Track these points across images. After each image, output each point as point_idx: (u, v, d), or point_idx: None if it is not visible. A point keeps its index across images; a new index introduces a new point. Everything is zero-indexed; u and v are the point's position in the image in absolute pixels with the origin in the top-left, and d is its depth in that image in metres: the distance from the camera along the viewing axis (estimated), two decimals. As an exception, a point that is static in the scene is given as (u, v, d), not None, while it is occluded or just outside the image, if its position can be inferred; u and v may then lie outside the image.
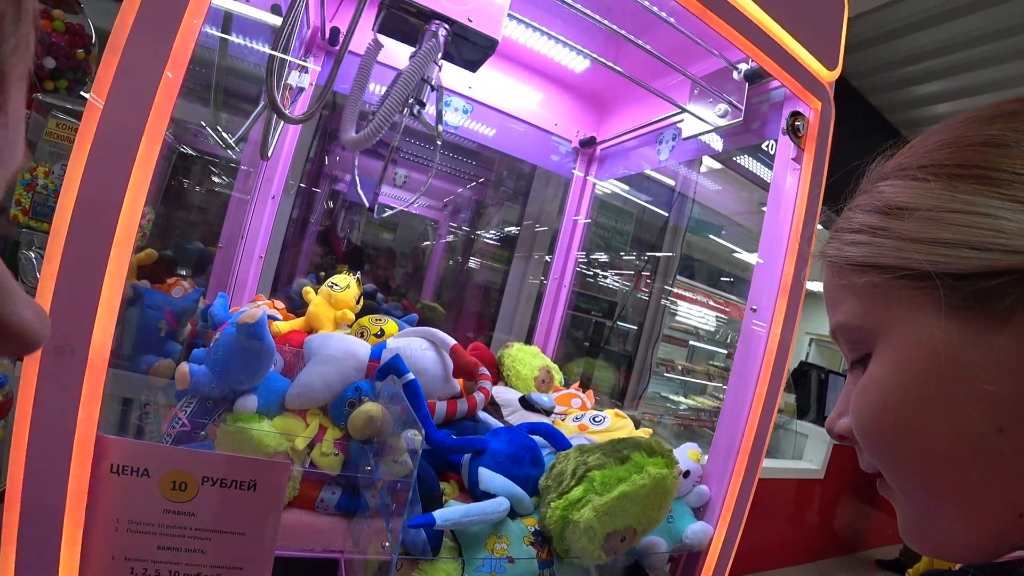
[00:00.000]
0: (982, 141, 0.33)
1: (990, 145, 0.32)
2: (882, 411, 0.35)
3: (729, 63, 1.19)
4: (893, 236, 0.34)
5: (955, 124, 0.35)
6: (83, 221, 0.51)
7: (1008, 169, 0.31)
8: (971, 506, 0.32)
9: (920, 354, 0.33)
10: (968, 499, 0.32)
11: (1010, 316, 0.30)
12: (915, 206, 0.34)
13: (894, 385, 0.34)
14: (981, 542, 0.32)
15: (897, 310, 0.34)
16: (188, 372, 0.84)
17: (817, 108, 1.12)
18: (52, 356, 0.51)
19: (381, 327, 1.20)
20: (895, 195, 0.35)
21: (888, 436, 0.35)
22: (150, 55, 0.53)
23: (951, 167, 0.33)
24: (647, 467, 0.85)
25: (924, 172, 0.34)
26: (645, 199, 3.20)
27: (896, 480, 0.36)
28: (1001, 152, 0.31)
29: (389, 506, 0.77)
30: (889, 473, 0.36)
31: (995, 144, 0.32)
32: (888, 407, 0.35)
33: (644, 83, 1.31)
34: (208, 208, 2.02)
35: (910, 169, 0.35)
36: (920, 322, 0.33)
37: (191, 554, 0.63)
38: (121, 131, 0.52)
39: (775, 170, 1.15)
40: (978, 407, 0.31)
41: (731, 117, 1.25)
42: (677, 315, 3.62)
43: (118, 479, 0.58)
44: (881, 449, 0.36)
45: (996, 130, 0.33)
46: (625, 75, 1.29)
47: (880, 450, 0.36)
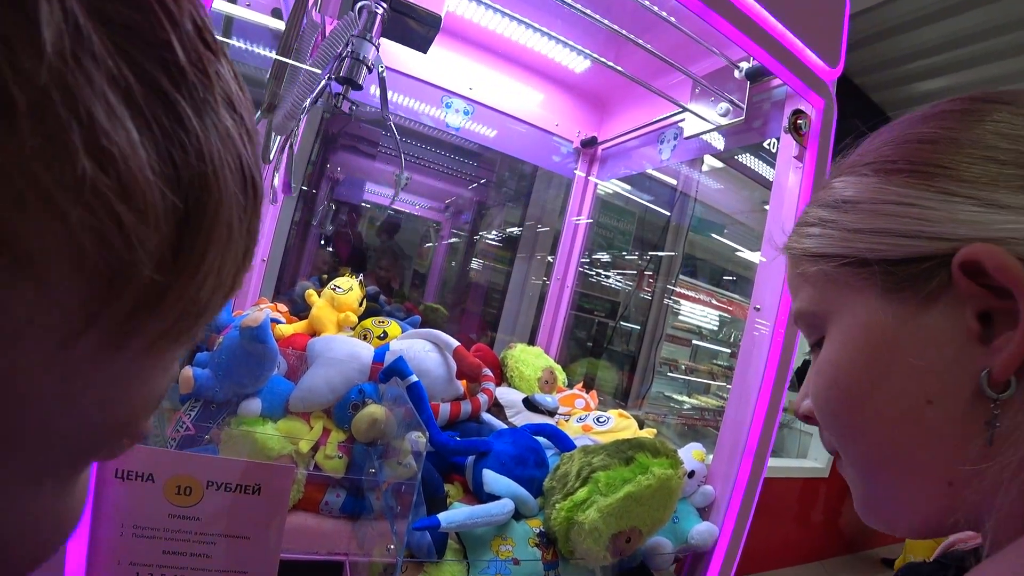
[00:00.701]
0: (916, 138, 0.36)
1: (923, 141, 0.35)
2: (832, 387, 0.38)
3: (730, 61, 1.19)
4: (839, 228, 0.37)
5: (899, 123, 0.38)
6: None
7: (935, 163, 0.34)
8: (909, 477, 0.35)
9: (862, 334, 0.36)
10: (906, 470, 0.35)
11: (937, 297, 0.33)
12: (857, 199, 0.37)
13: (841, 363, 0.37)
14: (921, 514, 0.35)
15: (844, 295, 0.37)
16: (192, 376, 0.84)
17: (819, 106, 1.12)
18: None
19: (384, 329, 1.20)
20: (843, 190, 0.38)
21: (836, 411, 0.38)
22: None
23: (888, 163, 0.36)
24: (652, 468, 0.84)
25: (867, 168, 0.38)
26: (647, 199, 3.20)
27: (846, 454, 0.39)
28: (931, 148, 0.34)
29: (393, 508, 0.77)
30: (840, 447, 0.39)
31: (927, 140, 0.35)
32: (836, 383, 0.38)
33: (645, 82, 1.31)
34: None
35: (857, 166, 0.39)
36: (863, 305, 0.36)
37: (196, 558, 0.63)
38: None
39: (777, 168, 1.15)
40: (910, 381, 0.34)
41: (733, 116, 1.25)
42: (680, 315, 3.62)
43: (123, 484, 0.58)
44: (832, 424, 0.39)
45: (929, 128, 0.36)
46: (626, 75, 1.29)
47: (831, 425, 0.39)
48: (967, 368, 0.31)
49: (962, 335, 0.32)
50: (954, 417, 0.32)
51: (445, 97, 1.65)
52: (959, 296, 0.31)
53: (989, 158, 0.32)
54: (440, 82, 1.59)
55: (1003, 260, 0.29)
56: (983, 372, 0.31)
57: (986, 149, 0.32)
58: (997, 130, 0.33)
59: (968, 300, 0.31)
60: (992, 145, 0.32)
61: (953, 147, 0.34)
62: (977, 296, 0.31)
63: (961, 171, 0.33)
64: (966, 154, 0.33)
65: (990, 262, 0.29)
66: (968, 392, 0.31)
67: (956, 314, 0.32)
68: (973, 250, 0.30)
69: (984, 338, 0.31)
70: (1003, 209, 0.30)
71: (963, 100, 0.36)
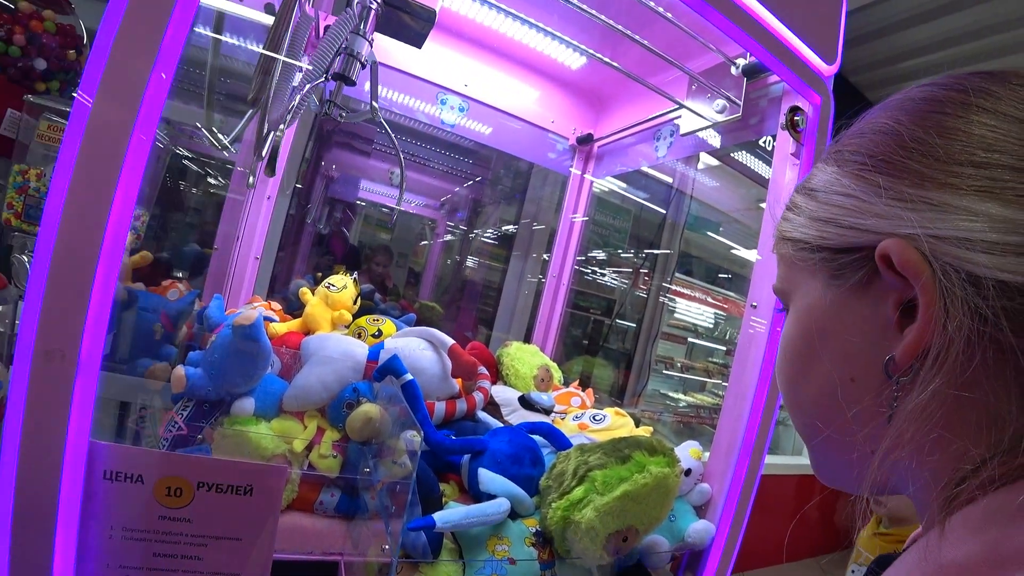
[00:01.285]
0: (871, 128, 0.37)
1: (875, 132, 0.36)
2: (783, 362, 0.42)
3: (727, 58, 1.18)
4: (803, 214, 0.40)
5: (875, 108, 0.39)
6: (72, 222, 0.50)
7: (876, 155, 0.35)
8: (839, 444, 0.38)
9: (808, 315, 0.39)
10: (836, 439, 0.38)
11: (867, 286, 0.35)
12: (817, 188, 0.39)
13: (792, 340, 0.41)
14: (857, 478, 0.37)
15: (801, 277, 0.40)
16: (184, 375, 0.83)
17: (816, 103, 1.11)
18: (42, 361, 0.49)
19: (379, 327, 1.20)
20: (812, 178, 0.41)
21: (784, 385, 0.42)
22: (138, 54, 0.52)
23: (846, 152, 0.38)
24: (649, 466, 0.84)
25: (832, 157, 0.39)
26: (643, 196, 3.19)
27: (795, 423, 0.42)
28: (876, 140, 0.36)
29: (388, 508, 0.77)
30: (792, 417, 0.43)
31: (878, 131, 0.36)
32: (787, 359, 0.42)
33: (641, 79, 1.30)
34: (203, 209, 2.00)
35: (830, 153, 0.40)
36: (812, 288, 0.39)
37: (187, 561, 0.62)
38: (110, 130, 0.51)
39: (774, 165, 1.14)
40: (839, 361, 0.37)
41: (729, 113, 1.25)
42: (676, 312, 3.62)
43: (112, 485, 0.57)
44: (783, 394, 0.43)
45: (884, 118, 0.36)
46: (622, 71, 1.28)
47: (783, 394, 0.43)
48: (882, 352, 0.34)
49: (883, 322, 0.34)
50: (869, 395, 0.35)
51: (440, 94, 1.64)
52: (884, 286, 0.33)
53: (923, 153, 0.33)
54: (435, 79, 1.58)
55: (905, 254, 0.31)
56: (887, 357, 0.33)
57: (922, 144, 0.33)
58: (940, 123, 0.33)
59: (890, 290, 0.33)
60: (927, 141, 0.33)
61: (894, 140, 0.34)
62: (897, 287, 0.33)
63: (895, 165, 0.34)
64: (903, 147, 0.34)
65: (896, 256, 0.31)
66: (882, 374, 0.34)
67: (880, 303, 0.34)
68: (887, 244, 0.32)
69: (902, 326, 0.33)
70: (923, 205, 0.31)
71: (927, 87, 0.36)
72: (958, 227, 0.30)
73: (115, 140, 0.51)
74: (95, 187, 0.50)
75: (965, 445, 0.31)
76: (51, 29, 1.23)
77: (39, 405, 0.50)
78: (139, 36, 0.52)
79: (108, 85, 0.51)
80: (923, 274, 0.31)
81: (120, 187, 0.51)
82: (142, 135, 0.51)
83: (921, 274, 0.31)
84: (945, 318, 0.30)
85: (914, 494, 0.36)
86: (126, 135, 0.51)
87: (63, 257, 0.49)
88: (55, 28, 1.24)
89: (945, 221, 0.30)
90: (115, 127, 0.51)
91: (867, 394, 0.35)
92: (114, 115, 0.51)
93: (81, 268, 0.50)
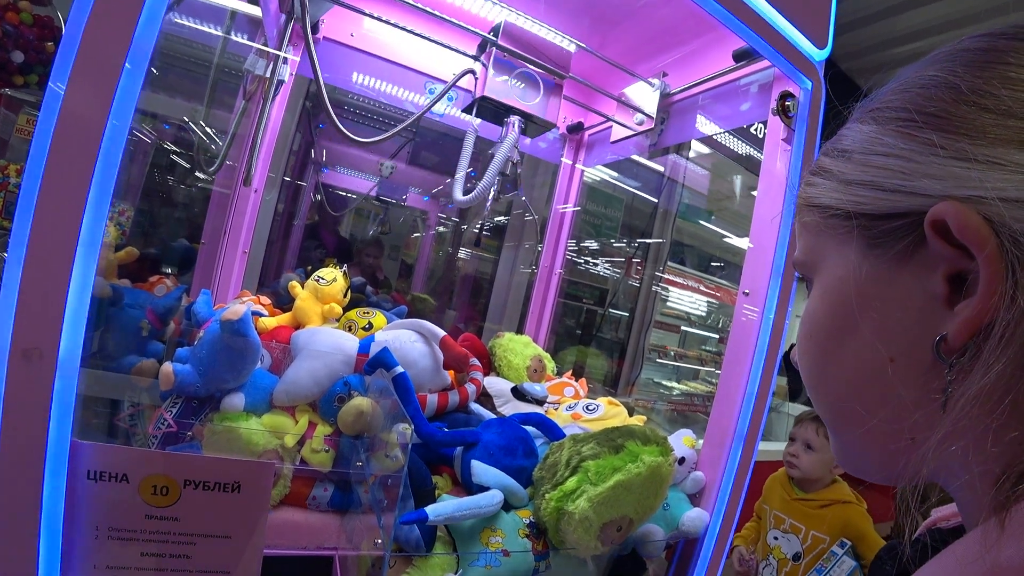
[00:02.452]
0: (919, 83, 0.33)
1: (924, 87, 0.32)
2: (807, 338, 0.38)
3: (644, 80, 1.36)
4: (833, 178, 0.36)
5: (921, 62, 0.35)
6: (46, 214, 0.48)
7: (927, 111, 0.31)
8: (873, 430, 0.34)
9: (839, 287, 0.36)
10: (870, 423, 0.34)
11: (911, 255, 0.31)
12: (852, 149, 0.35)
13: (818, 315, 0.37)
14: (888, 466, 0.34)
15: (829, 247, 0.36)
16: (172, 372, 0.82)
17: (807, 87, 1.11)
18: (20, 360, 0.48)
19: (369, 320, 1.19)
20: (845, 138, 0.37)
21: (809, 362, 0.38)
22: (110, 43, 0.50)
23: (888, 110, 0.34)
24: (642, 455, 0.84)
25: (870, 115, 0.35)
26: (634, 185, 3.19)
27: (817, 405, 0.39)
28: (928, 94, 0.32)
29: (381, 502, 0.76)
30: (812, 398, 0.39)
31: (927, 86, 0.32)
32: (812, 335, 0.38)
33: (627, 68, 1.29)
34: (190, 204, 1.98)
35: (865, 112, 0.36)
36: (843, 258, 0.35)
37: (176, 559, 0.61)
38: (82, 122, 0.49)
39: (765, 151, 1.14)
40: (876, 338, 0.33)
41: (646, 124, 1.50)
42: (668, 301, 3.62)
43: (96, 485, 0.56)
44: (806, 374, 0.39)
45: (934, 70, 0.32)
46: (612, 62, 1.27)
47: (805, 375, 0.39)
48: (929, 331, 0.30)
49: (929, 297, 0.30)
50: (914, 378, 0.32)
51: (428, 83, 1.62)
52: (932, 256, 0.30)
53: (985, 107, 0.29)
54: (423, 68, 1.56)
55: (967, 219, 0.27)
56: (938, 337, 0.30)
57: (984, 97, 0.29)
58: (1004, 75, 0.29)
59: (939, 260, 0.30)
60: (992, 93, 0.29)
61: (951, 94, 0.31)
62: (948, 257, 0.29)
63: (952, 121, 0.30)
64: (963, 101, 0.30)
65: (955, 221, 0.28)
66: (929, 355, 0.30)
67: (927, 275, 0.31)
68: (941, 208, 0.28)
69: (951, 302, 0.29)
70: (987, 165, 0.28)
71: (983, 37, 0.32)
72: None
73: (89, 127, 0.49)
74: (69, 177, 0.49)
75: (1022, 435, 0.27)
76: (28, 21, 1.21)
77: (17, 405, 0.49)
78: (112, 20, 0.50)
79: (80, 70, 0.49)
80: (988, 242, 0.27)
81: (95, 176, 0.50)
82: (117, 123, 0.50)
83: (986, 242, 0.27)
84: (1015, 290, 0.26)
85: (960, 486, 0.32)
86: (100, 124, 0.49)
87: (37, 252, 0.48)
88: (32, 20, 1.21)
89: (1014, 182, 0.27)
90: (88, 116, 0.49)
91: (909, 377, 0.32)
92: (87, 103, 0.49)
93: (57, 262, 0.49)
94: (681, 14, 1.23)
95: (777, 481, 1.88)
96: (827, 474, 1.76)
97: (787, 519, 1.75)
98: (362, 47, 1.46)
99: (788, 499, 1.79)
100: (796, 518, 1.73)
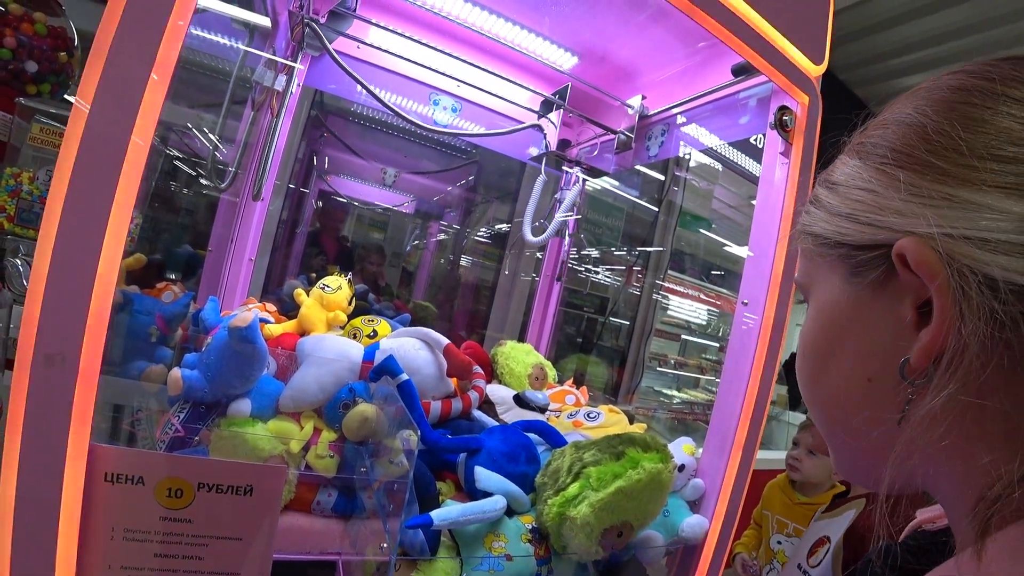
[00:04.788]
0: (896, 119, 0.35)
1: (900, 124, 0.35)
2: (802, 357, 0.41)
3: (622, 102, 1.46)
4: (823, 208, 0.38)
5: (900, 98, 0.37)
6: (71, 227, 0.50)
7: (899, 149, 0.33)
8: (857, 442, 0.37)
9: (827, 311, 0.38)
10: (857, 438, 0.37)
11: (886, 284, 0.34)
12: (840, 182, 0.37)
13: (812, 334, 0.40)
14: (872, 474, 0.37)
15: (820, 272, 0.39)
16: (180, 377, 0.83)
17: (804, 102, 1.13)
18: (43, 365, 0.50)
19: (374, 328, 1.20)
20: (835, 170, 0.39)
21: (804, 377, 0.41)
22: (136, 57, 0.52)
23: (870, 145, 0.36)
24: (642, 462, 0.85)
25: (855, 149, 0.38)
26: (635, 194, 3.21)
27: (814, 417, 0.42)
28: (902, 132, 0.34)
29: (386, 507, 0.77)
30: (810, 411, 0.42)
31: (903, 123, 0.34)
32: (805, 354, 0.41)
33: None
34: (196, 211, 2.00)
35: (854, 145, 0.39)
36: (831, 283, 0.38)
37: (188, 561, 0.62)
38: (108, 135, 0.51)
39: (764, 164, 1.16)
40: (857, 360, 0.36)
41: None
42: (669, 310, 3.63)
43: (113, 488, 0.58)
44: (801, 387, 0.42)
45: (911, 108, 0.34)
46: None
47: (801, 388, 0.42)
48: (899, 353, 0.32)
49: (900, 322, 0.33)
50: (886, 396, 0.34)
51: (432, 94, 1.64)
52: (902, 285, 0.32)
53: (945, 147, 0.31)
54: (427, 79, 1.58)
55: (920, 254, 0.30)
56: (903, 359, 0.32)
57: (944, 137, 0.31)
58: (967, 115, 0.31)
59: (907, 289, 0.32)
60: (951, 134, 0.31)
61: (917, 132, 0.33)
62: (914, 286, 0.31)
63: (917, 159, 0.32)
64: (927, 141, 0.32)
65: (911, 255, 0.30)
66: (898, 376, 0.33)
67: (898, 302, 0.33)
68: (903, 243, 0.31)
69: (919, 327, 0.32)
70: (943, 201, 0.30)
71: (957, 75, 0.34)
72: (978, 226, 0.28)
73: (113, 145, 0.51)
74: (93, 192, 0.51)
75: (995, 460, 0.29)
76: (42, 31, 1.23)
77: (40, 409, 0.51)
78: (136, 40, 0.52)
79: (105, 89, 0.51)
80: (938, 275, 0.29)
81: (118, 191, 0.52)
82: (139, 140, 0.52)
83: (936, 275, 0.29)
84: (960, 322, 0.29)
85: (944, 502, 0.35)
86: (124, 140, 0.51)
87: (62, 261, 0.50)
88: (46, 30, 1.23)
89: (964, 220, 0.29)
90: (112, 132, 0.51)
91: (883, 395, 0.34)
92: (111, 119, 0.51)
93: (80, 272, 0.51)
94: (679, 30, 1.26)
95: (777, 487, 1.89)
96: (827, 479, 1.78)
97: (790, 523, 1.76)
98: (368, 59, 1.49)
99: (790, 503, 1.80)
100: (800, 522, 1.74)
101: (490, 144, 1.86)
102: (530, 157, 1.86)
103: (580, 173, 1.45)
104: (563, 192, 1.47)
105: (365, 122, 2.36)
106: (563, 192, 1.47)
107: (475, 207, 2.98)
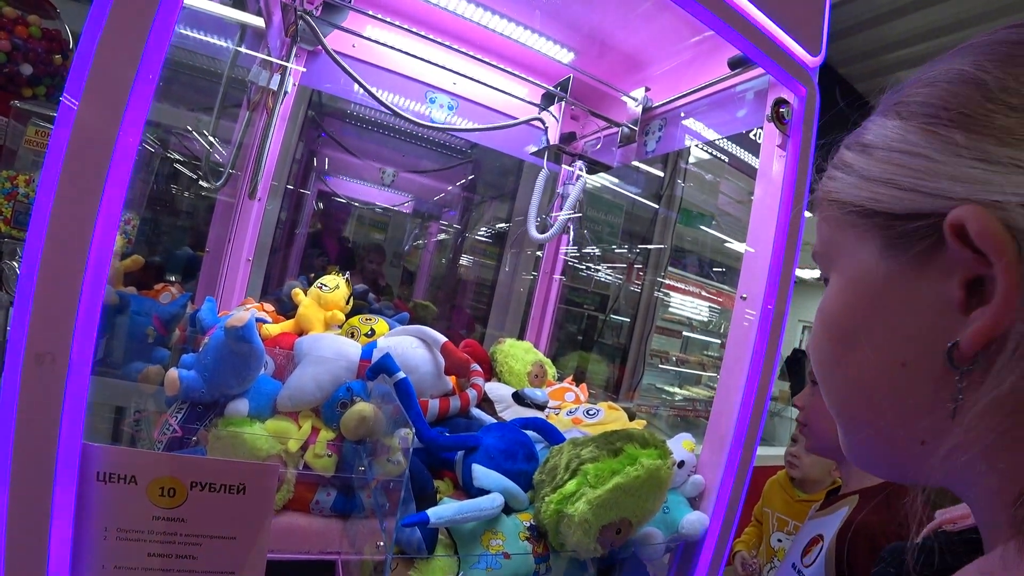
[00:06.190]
0: (947, 77, 0.31)
1: (952, 81, 0.31)
2: (821, 333, 0.38)
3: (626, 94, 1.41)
4: (854, 173, 0.35)
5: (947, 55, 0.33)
6: (59, 225, 0.50)
7: (954, 108, 0.30)
8: (882, 432, 0.34)
9: (856, 286, 0.35)
10: (879, 425, 0.34)
11: (929, 258, 0.30)
12: (876, 145, 0.34)
13: (833, 312, 0.37)
14: (897, 466, 0.35)
15: (847, 243, 0.35)
16: (177, 378, 0.83)
17: (802, 94, 1.12)
18: (33, 365, 0.50)
19: (371, 327, 1.20)
20: (867, 132, 0.35)
21: (820, 357, 0.38)
22: (121, 56, 0.52)
23: (914, 104, 0.32)
24: (640, 458, 0.85)
25: (895, 109, 0.34)
26: (634, 191, 3.20)
27: (828, 400, 0.39)
28: (956, 90, 0.30)
29: (383, 506, 0.77)
30: (823, 392, 0.39)
31: (957, 80, 0.31)
32: (825, 331, 0.37)
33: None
34: (194, 212, 2.00)
35: (891, 105, 0.35)
36: (862, 256, 0.34)
37: (182, 560, 0.62)
38: (95, 133, 0.51)
39: (761, 157, 1.15)
40: (889, 341, 0.32)
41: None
42: (670, 306, 3.63)
43: (105, 487, 0.57)
44: (816, 368, 0.39)
45: (965, 64, 0.31)
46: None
47: (816, 369, 0.39)
48: (943, 336, 0.29)
49: (945, 302, 0.29)
50: (925, 383, 0.31)
51: (429, 92, 1.64)
52: (950, 260, 0.29)
53: (1013, 106, 0.28)
54: (424, 77, 1.58)
55: (987, 225, 0.26)
56: (951, 343, 0.29)
57: (1012, 95, 0.28)
58: None
59: (957, 265, 0.29)
60: (1021, 91, 0.28)
61: (978, 91, 0.29)
62: (966, 262, 0.28)
63: (977, 120, 0.28)
64: (990, 99, 0.28)
65: (974, 226, 0.27)
66: (941, 361, 0.30)
67: (943, 279, 0.29)
68: (962, 211, 0.27)
69: (967, 308, 0.28)
70: (1011, 168, 0.27)
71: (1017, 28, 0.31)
72: None
73: (101, 142, 0.51)
74: (82, 190, 0.50)
75: None
76: (36, 34, 1.23)
77: (31, 408, 0.50)
78: (123, 37, 0.52)
79: (93, 87, 0.51)
80: (1007, 250, 0.26)
81: (107, 189, 0.51)
82: (128, 137, 0.52)
83: (1005, 250, 0.26)
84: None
85: (973, 497, 0.32)
86: (112, 137, 0.51)
87: (51, 260, 0.50)
88: (40, 33, 1.24)
89: None
90: (100, 129, 0.51)
91: (920, 381, 0.31)
92: (99, 117, 0.51)
93: (70, 271, 0.51)
94: (675, 23, 1.25)
95: (777, 484, 1.88)
96: (827, 476, 1.77)
97: (790, 521, 1.75)
98: (363, 58, 1.49)
99: (791, 501, 1.79)
100: (800, 520, 1.73)
101: (488, 142, 1.85)
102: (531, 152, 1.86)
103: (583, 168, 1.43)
104: (566, 187, 1.44)
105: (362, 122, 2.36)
106: (566, 187, 1.44)
107: (474, 206, 2.97)
